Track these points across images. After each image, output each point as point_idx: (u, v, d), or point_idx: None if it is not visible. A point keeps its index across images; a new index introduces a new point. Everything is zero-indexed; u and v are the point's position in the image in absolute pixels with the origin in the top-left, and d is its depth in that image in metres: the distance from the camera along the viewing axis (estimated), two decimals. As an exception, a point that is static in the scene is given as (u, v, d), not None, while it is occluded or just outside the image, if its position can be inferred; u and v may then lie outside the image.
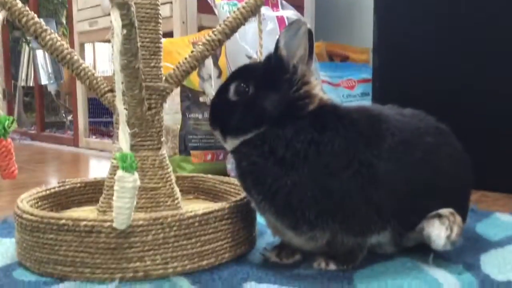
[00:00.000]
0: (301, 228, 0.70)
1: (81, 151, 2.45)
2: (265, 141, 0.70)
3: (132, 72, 0.71)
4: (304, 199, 0.68)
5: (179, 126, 1.51)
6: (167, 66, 1.04)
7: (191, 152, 1.51)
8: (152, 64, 0.80)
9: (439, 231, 0.71)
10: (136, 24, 0.66)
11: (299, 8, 2.07)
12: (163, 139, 0.83)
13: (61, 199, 0.92)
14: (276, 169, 0.69)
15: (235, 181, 0.97)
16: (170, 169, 0.83)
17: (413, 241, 0.76)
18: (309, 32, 0.71)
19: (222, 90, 0.75)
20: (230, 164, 1.53)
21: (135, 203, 0.63)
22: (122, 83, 0.63)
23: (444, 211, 0.72)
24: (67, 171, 1.90)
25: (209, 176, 1.03)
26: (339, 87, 1.77)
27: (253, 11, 0.84)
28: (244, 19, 0.84)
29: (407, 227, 0.74)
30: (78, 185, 0.95)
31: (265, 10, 1.50)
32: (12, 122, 0.66)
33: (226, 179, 0.99)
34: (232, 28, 0.83)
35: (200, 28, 1.82)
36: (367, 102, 1.72)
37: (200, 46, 0.83)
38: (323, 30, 2.37)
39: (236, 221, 0.75)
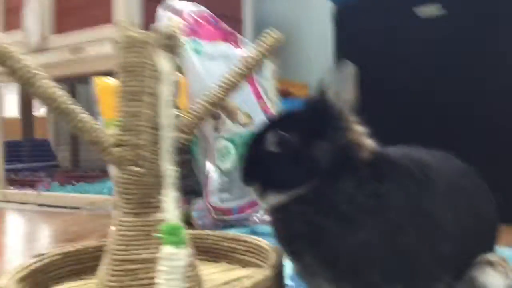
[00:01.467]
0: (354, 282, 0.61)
1: (-1, 204, 2.16)
2: (321, 196, 0.60)
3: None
4: (371, 260, 0.59)
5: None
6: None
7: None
8: (165, 112, 0.69)
9: (496, 280, 0.67)
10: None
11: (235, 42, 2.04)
12: (177, 198, 0.71)
13: (39, 277, 0.75)
14: (339, 228, 0.59)
15: (242, 237, 0.87)
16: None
17: None
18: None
19: (257, 141, 0.64)
20: (196, 213, 1.41)
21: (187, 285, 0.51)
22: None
23: (494, 256, 0.69)
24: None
25: (209, 232, 0.91)
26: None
27: (271, 51, 0.77)
28: (263, 57, 0.76)
29: (456, 277, 0.68)
30: (56, 257, 0.79)
31: (227, 49, 1.43)
32: None
33: (230, 235, 0.88)
34: (250, 69, 0.75)
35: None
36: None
37: (217, 90, 0.73)
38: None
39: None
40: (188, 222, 1.41)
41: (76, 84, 2.28)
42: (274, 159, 0.63)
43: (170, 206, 0.51)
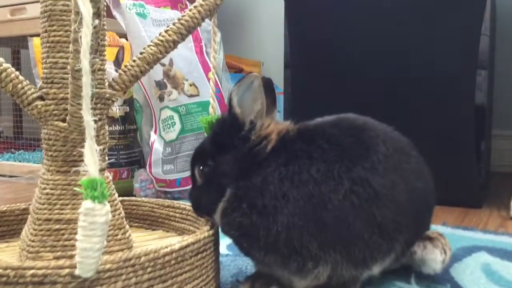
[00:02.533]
0: (306, 268, 0.63)
1: None
2: (239, 200, 0.64)
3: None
4: (302, 238, 0.61)
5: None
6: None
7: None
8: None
9: (435, 255, 0.69)
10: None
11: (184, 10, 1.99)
12: (107, 158, 0.68)
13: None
14: (264, 220, 0.62)
15: (179, 204, 0.85)
16: (116, 194, 0.69)
17: (399, 264, 0.72)
18: (270, 82, 0.68)
19: (192, 179, 0.70)
20: (138, 183, 1.38)
21: (105, 242, 0.49)
22: (94, 87, 0.48)
23: (432, 232, 0.71)
24: None
25: (144, 199, 0.89)
26: (245, 100, 1.71)
27: (211, 11, 0.74)
28: (202, 18, 0.73)
29: (407, 248, 0.69)
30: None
31: (175, 15, 1.39)
32: None
33: (167, 202, 0.86)
34: (189, 28, 0.72)
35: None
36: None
37: (152, 47, 0.70)
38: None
39: (210, 254, 0.64)
40: (131, 192, 1.38)
41: (19, 49, 2.17)
42: (201, 190, 0.68)
43: (91, 159, 0.48)
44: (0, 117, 2.91)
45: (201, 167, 0.68)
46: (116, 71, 1.40)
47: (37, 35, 1.43)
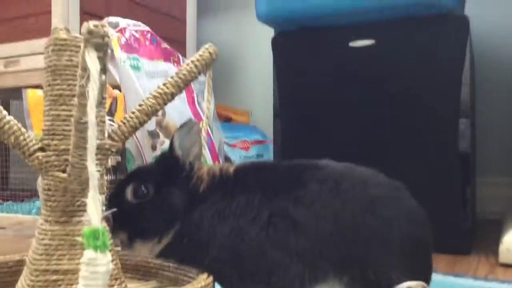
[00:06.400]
0: None
1: None
2: (182, 234, 0.70)
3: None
4: (225, 270, 0.67)
5: None
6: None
7: None
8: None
9: None
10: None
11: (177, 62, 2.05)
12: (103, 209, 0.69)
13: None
14: (198, 253, 0.69)
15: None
16: (112, 244, 0.69)
17: None
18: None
19: (117, 194, 0.73)
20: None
21: (107, 292, 0.50)
22: (97, 138, 0.50)
23: (417, 285, 0.70)
24: None
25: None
26: (235, 148, 1.74)
27: (208, 65, 0.77)
28: (199, 72, 0.76)
29: (363, 282, 0.70)
30: (-29, 270, 0.74)
31: (168, 68, 1.43)
32: None
33: (160, 252, 0.86)
34: (186, 82, 0.75)
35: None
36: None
37: (151, 100, 0.72)
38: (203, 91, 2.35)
39: (207, 303, 0.64)
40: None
41: (10, 99, 2.20)
42: (137, 210, 0.72)
43: (93, 209, 0.49)
44: (-14, 168, 2.88)
45: (141, 188, 0.72)
46: (110, 121, 1.42)
47: (30, 86, 1.46)
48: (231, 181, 0.73)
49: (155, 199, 0.72)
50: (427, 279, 0.77)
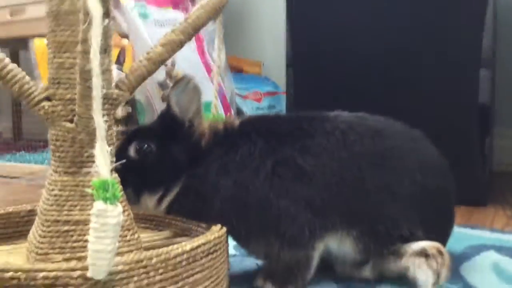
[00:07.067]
0: (240, 243, 0.73)
1: None
2: (188, 188, 0.71)
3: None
4: (232, 220, 0.67)
5: None
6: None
7: None
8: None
9: (426, 276, 0.68)
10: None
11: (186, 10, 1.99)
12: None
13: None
14: (204, 206, 0.70)
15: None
16: (124, 195, 0.68)
17: (396, 273, 0.71)
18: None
19: (120, 153, 0.70)
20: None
21: (117, 244, 0.49)
22: (103, 88, 0.48)
23: (431, 248, 0.68)
24: None
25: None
26: (247, 99, 1.71)
27: (217, 11, 0.74)
28: (208, 18, 0.72)
29: (373, 235, 0.69)
30: (-16, 220, 0.74)
31: (177, 16, 1.39)
32: None
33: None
34: (195, 28, 0.71)
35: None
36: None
37: (159, 48, 0.69)
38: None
39: (220, 254, 0.64)
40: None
41: (18, 50, 2.17)
42: (141, 166, 0.72)
43: (102, 160, 0.48)
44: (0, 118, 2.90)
45: (143, 145, 0.72)
46: (119, 71, 1.39)
47: (37, 36, 1.42)
48: (236, 134, 0.73)
49: (158, 154, 0.72)
50: (446, 230, 0.76)
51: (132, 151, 0.73)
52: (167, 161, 0.72)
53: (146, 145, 0.72)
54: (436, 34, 1.30)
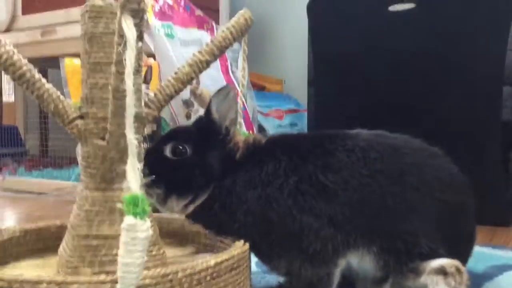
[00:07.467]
0: (261, 258, 0.74)
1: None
2: (215, 198, 0.72)
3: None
4: (254, 236, 0.69)
5: None
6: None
7: None
8: (133, 87, 0.67)
9: None
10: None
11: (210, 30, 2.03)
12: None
13: (-3, 253, 0.73)
14: (228, 218, 0.71)
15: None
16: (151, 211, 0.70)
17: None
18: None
19: (156, 151, 0.73)
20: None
21: (145, 258, 0.51)
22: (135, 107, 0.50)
23: (450, 265, 0.68)
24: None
25: (175, 216, 0.90)
26: (269, 117, 1.73)
27: (243, 32, 0.76)
28: (234, 39, 0.75)
29: (393, 252, 0.69)
30: (18, 234, 0.77)
31: (202, 36, 1.42)
32: None
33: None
34: (221, 49, 0.74)
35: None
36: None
37: (186, 68, 0.72)
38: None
39: (243, 270, 0.65)
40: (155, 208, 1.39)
41: (47, 68, 2.24)
42: (176, 167, 0.72)
43: (133, 176, 0.50)
44: (26, 135, 2.98)
45: (180, 146, 0.73)
46: (146, 90, 1.43)
47: (67, 55, 1.47)
48: (262, 151, 0.74)
49: (193, 158, 0.73)
50: (466, 248, 0.76)
51: (168, 151, 0.73)
52: (202, 167, 0.72)
53: (182, 147, 0.73)
54: (459, 52, 1.30)
